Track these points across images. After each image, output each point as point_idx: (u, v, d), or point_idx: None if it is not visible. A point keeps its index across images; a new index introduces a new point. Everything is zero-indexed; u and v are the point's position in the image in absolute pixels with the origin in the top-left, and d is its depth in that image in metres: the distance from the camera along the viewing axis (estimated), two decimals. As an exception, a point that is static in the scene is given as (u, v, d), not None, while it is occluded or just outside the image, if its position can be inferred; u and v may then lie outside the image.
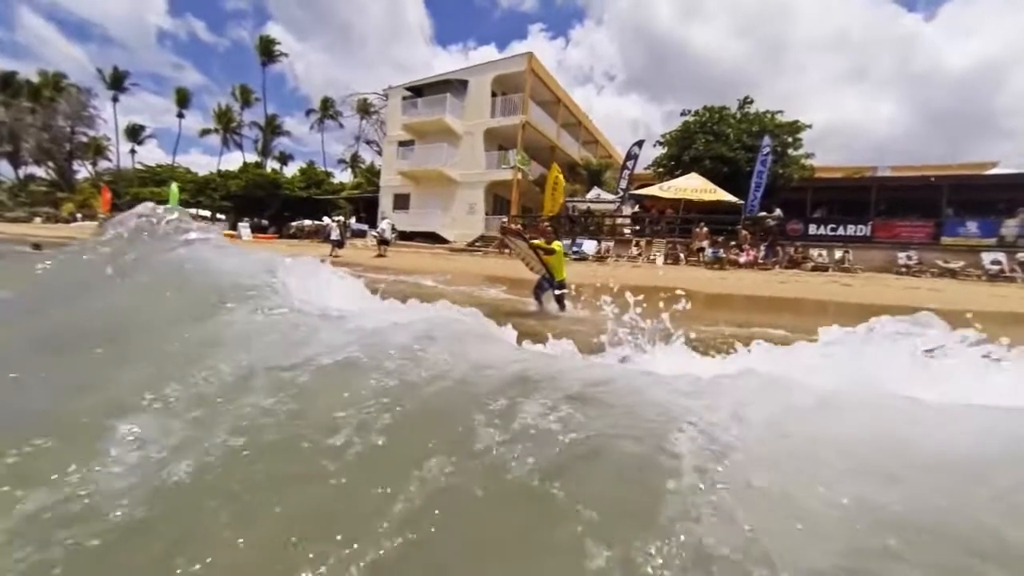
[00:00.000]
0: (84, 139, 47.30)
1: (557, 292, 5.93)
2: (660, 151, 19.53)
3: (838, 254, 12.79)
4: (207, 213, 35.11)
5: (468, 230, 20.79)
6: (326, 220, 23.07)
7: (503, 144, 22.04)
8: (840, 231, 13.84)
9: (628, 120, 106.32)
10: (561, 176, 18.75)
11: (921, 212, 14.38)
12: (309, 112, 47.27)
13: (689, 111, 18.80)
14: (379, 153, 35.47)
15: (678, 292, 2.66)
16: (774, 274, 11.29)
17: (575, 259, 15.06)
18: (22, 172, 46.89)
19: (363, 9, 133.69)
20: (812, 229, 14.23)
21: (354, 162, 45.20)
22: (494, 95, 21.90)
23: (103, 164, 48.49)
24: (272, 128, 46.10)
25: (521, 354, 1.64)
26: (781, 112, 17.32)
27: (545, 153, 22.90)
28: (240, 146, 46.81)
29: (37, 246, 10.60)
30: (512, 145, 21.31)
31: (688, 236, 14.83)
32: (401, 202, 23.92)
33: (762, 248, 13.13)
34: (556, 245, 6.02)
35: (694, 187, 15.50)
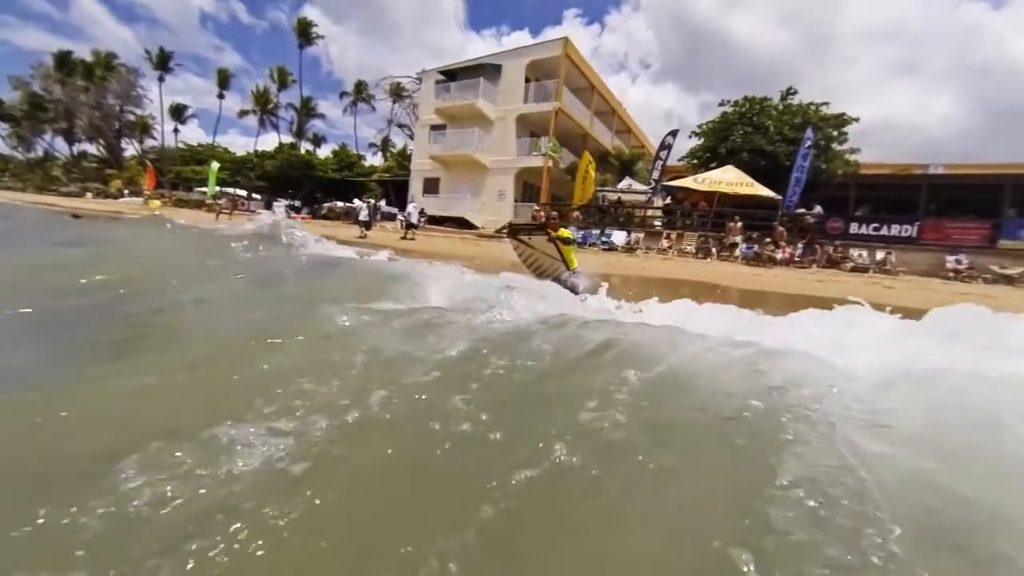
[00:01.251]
0: (132, 118, 49.28)
1: (573, 280, 5.47)
2: (695, 142, 19.02)
3: (880, 255, 12.25)
4: (243, 192, 36.28)
5: (497, 216, 20.81)
6: (356, 202, 23.52)
7: (535, 131, 21.86)
8: (884, 231, 13.22)
9: (662, 110, 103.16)
10: (592, 165, 18.51)
11: (977, 213, 13.57)
12: (343, 95, 47.82)
13: (728, 101, 18.21)
14: (411, 137, 35.72)
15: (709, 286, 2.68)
16: (811, 273, 10.93)
17: (604, 249, 14.95)
18: (75, 149, 49.35)
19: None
20: (853, 228, 13.63)
21: (385, 145, 45.67)
22: (527, 81, 21.67)
23: (149, 142, 50.50)
24: (307, 110, 46.90)
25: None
26: (826, 104, 16.58)
27: (577, 141, 22.60)
28: (276, 127, 47.89)
29: (76, 215, 11.39)
30: (544, 132, 21.11)
31: (721, 230, 14.47)
32: (431, 186, 24.09)
33: (799, 246, 12.70)
34: (566, 233, 5.71)
35: (729, 180, 15.07)
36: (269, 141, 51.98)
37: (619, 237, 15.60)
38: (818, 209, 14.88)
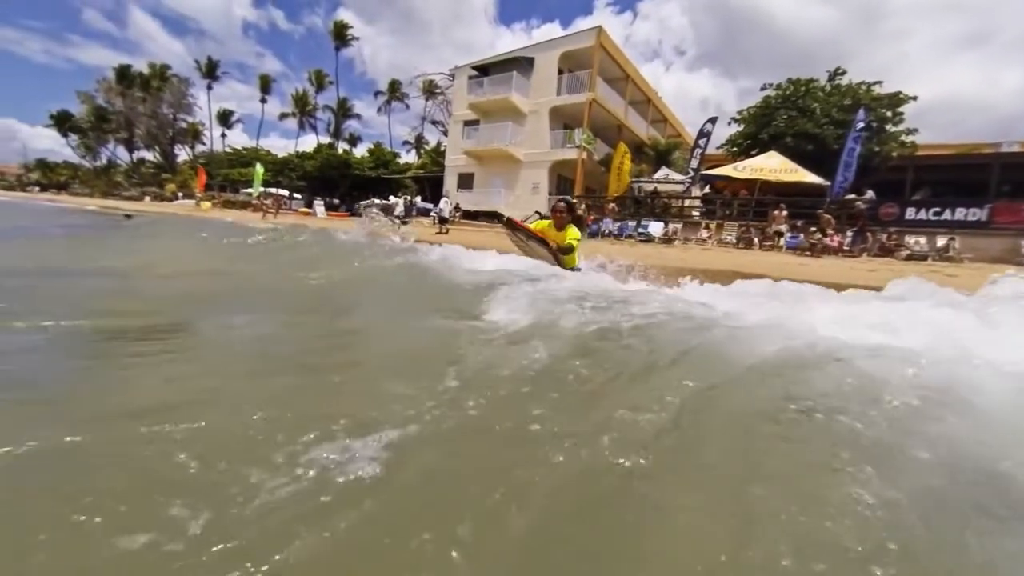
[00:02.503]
0: (184, 125, 52.28)
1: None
2: (734, 129, 18.36)
3: (941, 241, 11.48)
4: (285, 192, 37.83)
5: (531, 210, 20.84)
6: (392, 199, 24.09)
7: (568, 123, 21.69)
8: (946, 215, 12.34)
9: (698, 98, 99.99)
10: (628, 156, 18.22)
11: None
12: (377, 94, 48.92)
13: (770, 85, 17.46)
14: (444, 133, 36.18)
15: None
16: (861, 262, 10.40)
17: (641, 241, 14.72)
18: (135, 156, 52.84)
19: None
20: (910, 213, 12.79)
21: (419, 143, 46.43)
22: (560, 72, 21.50)
23: (199, 147, 53.44)
24: (343, 111, 48.27)
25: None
26: (879, 83, 15.60)
27: (612, 132, 22.27)
28: (315, 129, 49.59)
29: (128, 216, 12.15)
30: (578, 123, 20.92)
31: (764, 219, 13.95)
32: (465, 181, 24.36)
33: (849, 234, 12.08)
34: (573, 235, 4.59)
35: (772, 167, 14.49)
36: (307, 142, 54.01)
37: (656, 228, 15.32)
38: (870, 194, 14.09)
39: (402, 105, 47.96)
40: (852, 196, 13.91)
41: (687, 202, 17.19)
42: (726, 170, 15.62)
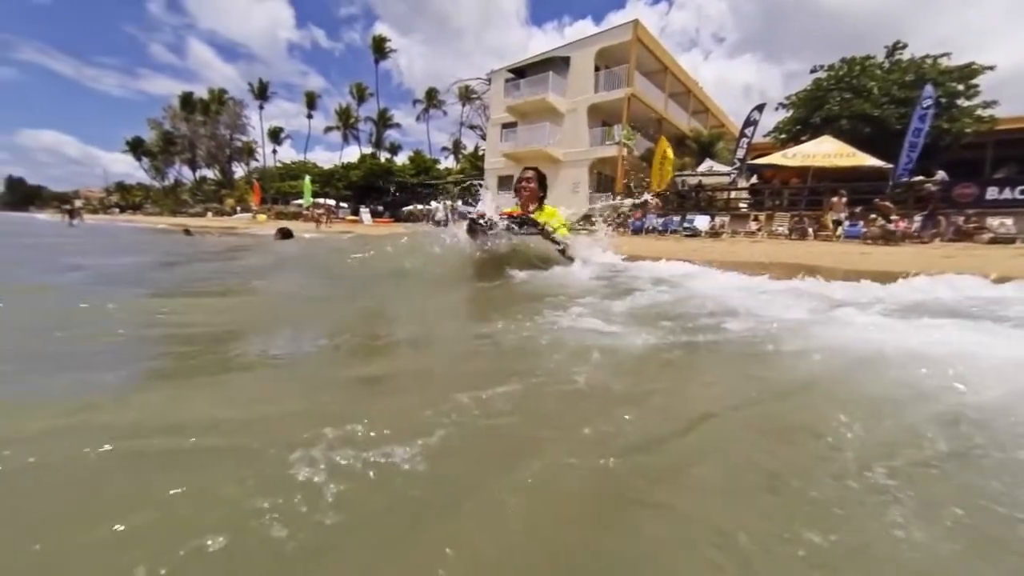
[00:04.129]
0: (239, 143, 55.85)
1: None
2: (782, 115, 17.58)
3: (1030, 222, 10.50)
4: (332, 201, 39.60)
5: (572, 209, 20.74)
6: (434, 204, 24.72)
7: (607, 120, 21.49)
8: (1035, 193, 11.23)
9: (740, 85, 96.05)
10: (669, 149, 17.82)
11: None
12: (415, 103, 50.31)
13: (821, 66, 16.60)
14: (482, 137, 36.71)
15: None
16: (935, 248, 9.69)
17: (686, 236, 14.38)
18: (197, 174, 56.96)
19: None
20: (991, 193, 11.74)
21: (456, 148, 47.32)
22: (597, 69, 21.35)
23: (253, 163, 56.91)
24: (384, 121, 49.97)
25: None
26: (947, 55, 14.47)
27: (652, 126, 21.89)
28: (357, 140, 51.63)
29: (187, 231, 12.76)
30: (617, 120, 20.70)
31: (818, 208, 13.27)
32: (505, 183, 24.62)
33: (917, 218, 11.28)
34: (551, 211, 3.69)
35: (826, 152, 13.77)
36: (350, 153, 56.20)
37: (702, 222, 14.90)
38: (940, 175, 13.09)
39: (440, 112, 49.09)
40: (920, 178, 12.98)
41: (733, 194, 16.61)
42: (774, 158, 14.99)
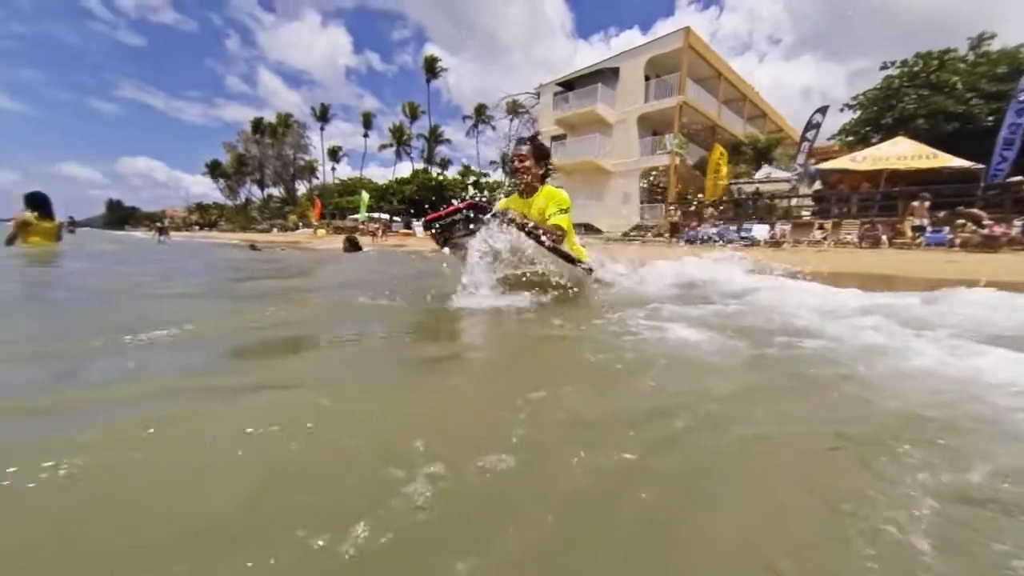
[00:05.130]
0: (302, 163, 59.80)
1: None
2: (848, 117, 16.65)
3: None
4: (386, 216, 41.41)
5: (622, 220, 20.65)
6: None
7: (658, 129, 21.23)
8: None
9: (798, 88, 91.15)
10: (724, 157, 17.32)
11: None
12: (465, 118, 51.88)
13: (892, 63, 15.62)
14: (529, 151, 37.14)
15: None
16: (1035, 255, 8.79)
17: (744, 246, 13.87)
18: (265, 193, 61.41)
19: (506, 17, 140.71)
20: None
21: (504, 161, 48.17)
22: (647, 79, 21.20)
23: (314, 181, 60.65)
24: (435, 137, 51.83)
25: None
26: (1045, 43, 13.21)
27: (705, 134, 21.39)
28: (409, 156, 53.83)
29: (254, 246, 13.33)
30: (667, 129, 20.40)
31: (892, 214, 12.39)
32: (554, 196, 24.80)
33: (1017, 223, 10.26)
34: (550, 192, 2.82)
35: (901, 154, 12.86)
36: (402, 169, 58.64)
37: (761, 231, 14.30)
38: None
39: (488, 127, 50.29)
40: (1019, 178, 11.83)
41: (795, 201, 15.85)
42: (841, 162, 14.19)
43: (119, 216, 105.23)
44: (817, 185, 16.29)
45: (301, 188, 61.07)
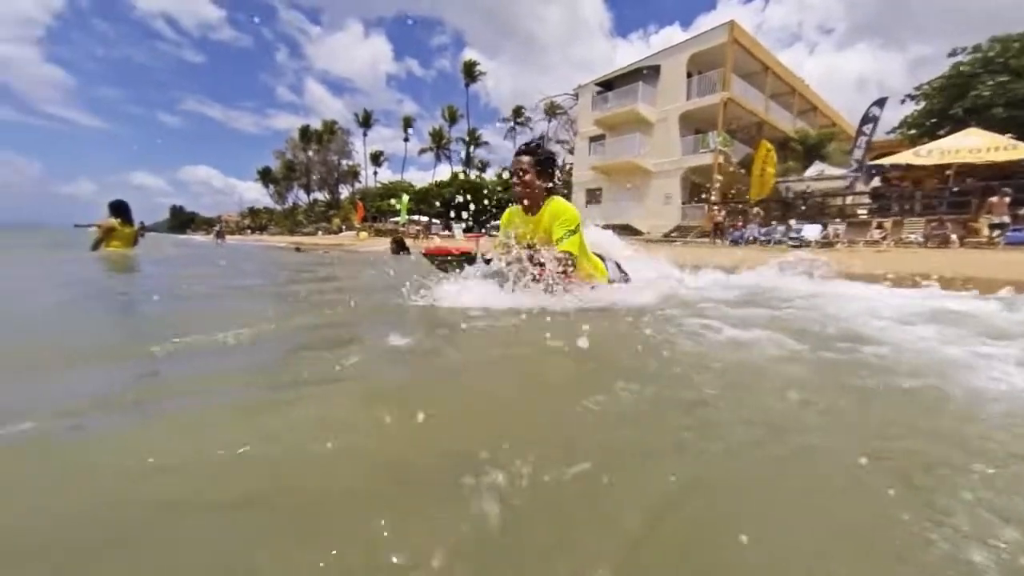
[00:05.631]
0: (346, 167, 62.03)
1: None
2: (911, 109, 15.59)
3: None
4: (425, 218, 42.32)
5: (663, 220, 20.25)
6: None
7: (700, 127, 20.65)
8: None
9: (853, 79, 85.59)
10: (772, 154, 16.61)
11: None
12: (503, 120, 52.24)
13: (962, 49, 14.53)
14: (570, 152, 37.05)
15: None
16: None
17: (793, 247, 13.27)
18: (311, 197, 64.14)
19: (544, 18, 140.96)
20: None
21: (541, 163, 48.16)
22: (689, 76, 20.66)
23: (356, 185, 62.79)
24: (473, 140, 52.50)
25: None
26: None
27: (751, 131, 20.64)
28: (449, 159, 54.77)
29: (298, 249, 13.45)
30: (711, 127, 19.81)
31: (964, 211, 11.52)
32: (593, 197, 24.60)
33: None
34: (559, 208, 2.49)
35: (973, 146, 11.94)
36: (441, 172, 59.79)
37: (812, 231, 13.64)
38: None
39: (526, 129, 50.43)
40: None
41: (850, 199, 15.02)
42: (904, 156, 13.31)
43: (181, 221, 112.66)
44: (876, 182, 15.36)
45: (344, 192, 63.39)
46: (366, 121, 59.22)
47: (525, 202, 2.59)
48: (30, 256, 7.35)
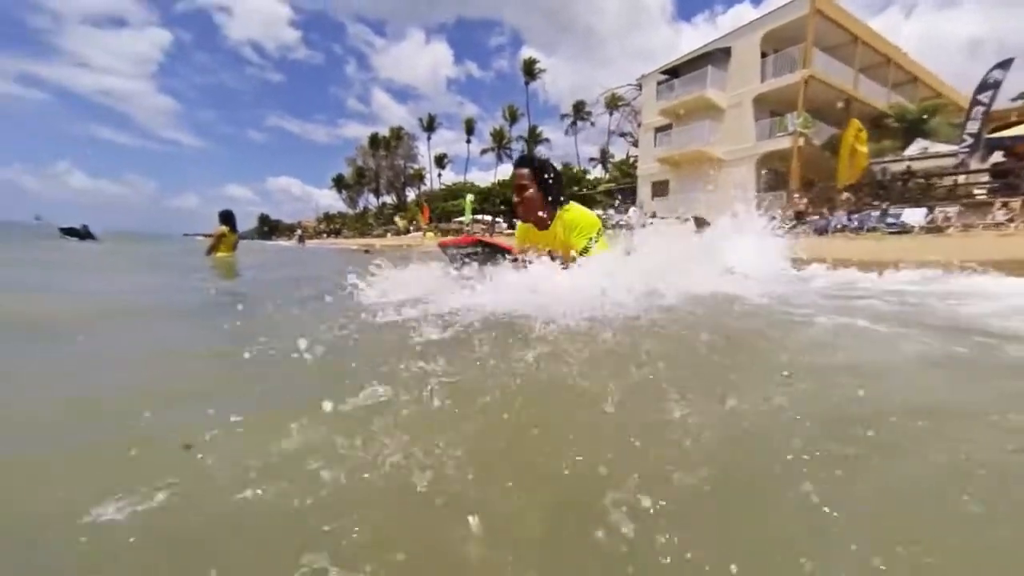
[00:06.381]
0: (411, 171, 64.76)
1: None
2: (1046, 69, 13.48)
3: None
4: (489, 217, 43.10)
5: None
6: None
7: (776, 109, 19.31)
8: None
9: (961, 40, 73.52)
10: (863, 133, 15.17)
11: None
12: (563, 116, 51.90)
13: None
14: (633, 144, 36.13)
15: None
16: None
17: (891, 234, 12.06)
18: (380, 200, 67.71)
19: (601, 9, 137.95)
20: None
21: (604, 157, 47.30)
22: (764, 55, 19.36)
23: (422, 187, 65.32)
24: (534, 138, 52.63)
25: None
26: None
27: (835, 111, 18.92)
28: (510, 158, 55.32)
29: (367, 250, 13.77)
30: (789, 108, 18.45)
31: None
32: (660, 189, 23.82)
33: None
34: (576, 217, 2.40)
35: None
36: (503, 172, 60.50)
37: (915, 216, 12.31)
38: None
39: (587, 123, 49.78)
40: None
41: (963, 178, 13.35)
42: (1034, 127, 11.64)
43: (267, 227, 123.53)
44: (997, 157, 13.51)
45: (411, 195, 66.17)
46: (430, 125, 61.41)
47: (527, 214, 2.42)
48: (171, 261, 7.98)
